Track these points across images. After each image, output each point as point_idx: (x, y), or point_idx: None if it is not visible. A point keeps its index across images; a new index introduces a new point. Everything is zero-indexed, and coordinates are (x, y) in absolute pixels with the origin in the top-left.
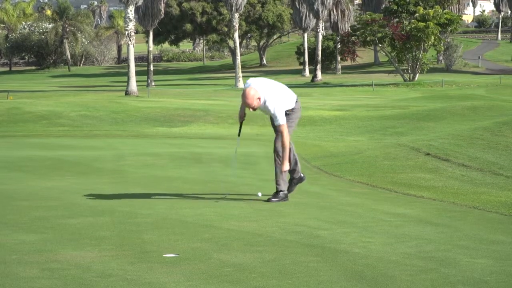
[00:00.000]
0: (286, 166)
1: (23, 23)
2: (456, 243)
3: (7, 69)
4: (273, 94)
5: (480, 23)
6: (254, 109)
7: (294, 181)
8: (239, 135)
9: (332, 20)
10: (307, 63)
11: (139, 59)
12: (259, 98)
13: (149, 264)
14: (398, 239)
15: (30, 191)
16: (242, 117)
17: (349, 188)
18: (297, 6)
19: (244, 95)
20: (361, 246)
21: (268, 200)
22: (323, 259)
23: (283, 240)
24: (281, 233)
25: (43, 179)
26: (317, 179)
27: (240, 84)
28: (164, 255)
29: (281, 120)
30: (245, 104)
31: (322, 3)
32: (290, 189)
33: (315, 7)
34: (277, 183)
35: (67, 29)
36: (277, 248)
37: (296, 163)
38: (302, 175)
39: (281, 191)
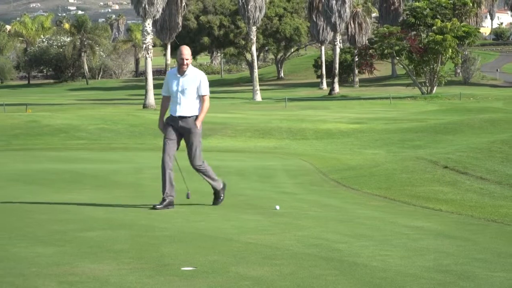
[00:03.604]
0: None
1: (42, 36)
2: (474, 257)
3: (26, 82)
4: None
5: (498, 35)
6: (183, 67)
7: (221, 192)
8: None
9: (349, 33)
10: (324, 76)
11: (156, 72)
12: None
13: (167, 277)
14: (416, 253)
15: (48, 204)
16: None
17: (367, 201)
18: (314, 19)
19: (183, 47)
20: (379, 259)
21: (214, 204)
22: (341, 272)
23: (301, 253)
24: (299, 247)
25: (61, 192)
26: (335, 192)
27: (258, 97)
28: (182, 268)
29: (208, 89)
30: (181, 54)
31: (340, 16)
32: (219, 199)
33: (333, 20)
34: (215, 188)
35: (85, 43)
36: (295, 262)
37: (213, 180)
38: (222, 183)
39: (218, 191)
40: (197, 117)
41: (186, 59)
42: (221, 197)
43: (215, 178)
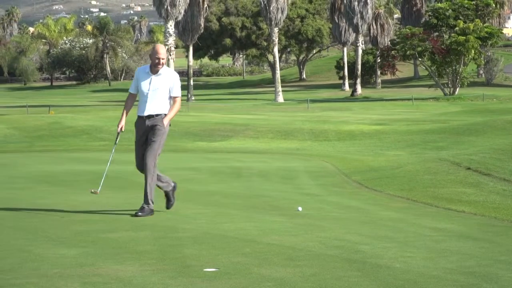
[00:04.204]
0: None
1: (64, 38)
2: (497, 258)
3: (49, 84)
4: None
5: None
6: (159, 64)
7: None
8: (116, 143)
9: (371, 34)
10: (346, 78)
11: (179, 73)
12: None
13: (190, 279)
14: (439, 254)
15: (71, 205)
16: (122, 127)
17: (390, 203)
18: (337, 21)
19: (159, 46)
20: (402, 261)
21: (136, 215)
22: (364, 274)
23: (323, 254)
24: (321, 248)
25: (84, 193)
26: (358, 193)
27: (280, 99)
28: (204, 270)
29: (180, 91)
30: (158, 53)
31: (362, 17)
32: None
33: (355, 21)
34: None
35: (108, 44)
36: (318, 263)
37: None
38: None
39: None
40: (165, 115)
41: (162, 59)
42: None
43: (155, 183)
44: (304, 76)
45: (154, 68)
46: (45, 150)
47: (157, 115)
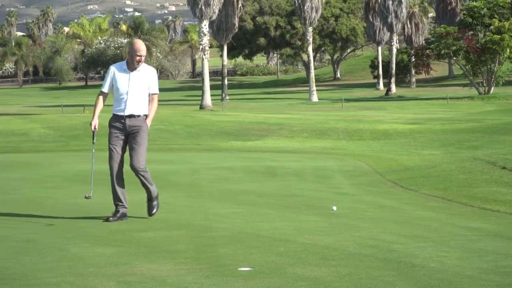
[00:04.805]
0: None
1: (99, 38)
2: None
3: (83, 83)
4: None
5: None
6: (140, 62)
7: (156, 199)
8: (94, 142)
9: (406, 33)
10: (381, 77)
11: (213, 73)
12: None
13: (225, 278)
14: (474, 254)
15: (106, 204)
16: (96, 124)
17: (424, 202)
18: (371, 20)
19: (139, 42)
20: (437, 260)
21: (151, 214)
22: (399, 273)
23: (358, 254)
24: (356, 247)
25: None
26: (392, 193)
27: (314, 98)
28: (239, 269)
29: (158, 88)
30: (139, 50)
31: (396, 16)
32: (155, 208)
33: (389, 20)
34: (152, 195)
35: None
36: (352, 262)
37: (152, 184)
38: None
39: (154, 198)
40: (146, 116)
41: (143, 56)
42: (157, 205)
43: (153, 183)
44: (339, 75)
45: (132, 65)
46: (80, 149)
47: (138, 115)
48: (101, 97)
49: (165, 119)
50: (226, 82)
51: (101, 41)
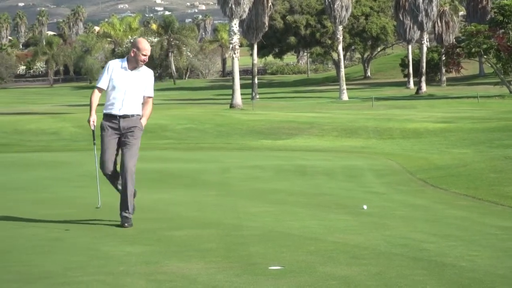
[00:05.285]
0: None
1: (129, 37)
2: None
3: None
4: None
5: None
6: (144, 62)
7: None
8: (95, 140)
9: (436, 31)
10: (411, 75)
11: (243, 72)
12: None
13: (255, 277)
14: (505, 253)
15: (136, 203)
16: (94, 120)
17: (455, 201)
18: (401, 18)
19: (145, 41)
20: (468, 259)
21: (123, 226)
22: (429, 272)
23: (388, 253)
24: (386, 246)
25: (149, 191)
26: (423, 192)
27: (345, 97)
28: (269, 268)
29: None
30: (144, 50)
31: (427, 14)
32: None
33: (419, 19)
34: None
35: (172, 43)
36: (383, 261)
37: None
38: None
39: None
40: (139, 116)
41: (148, 55)
42: (131, 219)
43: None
44: (369, 74)
45: (135, 64)
46: None
47: (132, 115)
48: (97, 93)
49: (195, 118)
50: (256, 81)
51: (131, 40)
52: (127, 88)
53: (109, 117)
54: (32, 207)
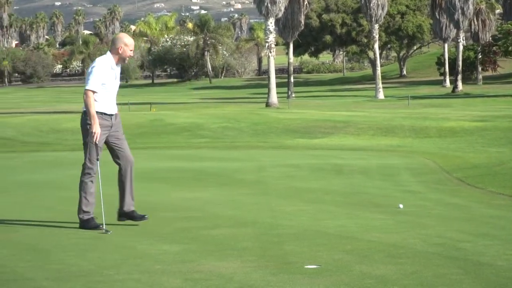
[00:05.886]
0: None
1: (165, 36)
2: None
3: (150, 81)
4: None
5: None
6: (131, 55)
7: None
8: (98, 157)
9: (472, 30)
10: (447, 74)
11: (279, 71)
12: None
13: (291, 275)
14: None
15: (172, 202)
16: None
17: (491, 200)
18: (437, 17)
19: (129, 36)
20: (505, 258)
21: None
22: (466, 271)
23: (425, 252)
24: (422, 245)
25: (186, 190)
26: (459, 191)
27: (381, 95)
28: (305, 266)
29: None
30: (132, 45)
31: (463, 13)
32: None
33: (456, 17)
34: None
35: (208, 42)
36: (419, 260)
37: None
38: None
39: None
40: None
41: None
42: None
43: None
44: (405, 72)
45: (121, 60)
46: (147, 147)
47: (116, 113)
48: (93, 97)
49: (231, 117)
50: (292, 79)
51: (168, 39)
52: (116, 86)
53: (102, 115)
54: (70, 205)
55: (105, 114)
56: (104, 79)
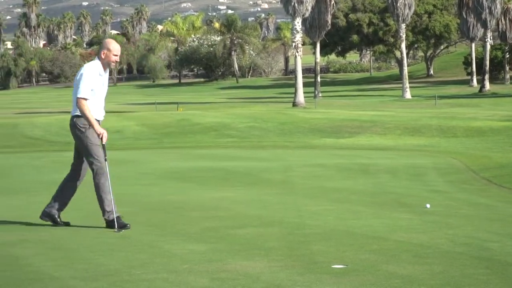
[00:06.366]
0: None
1: (192, 36)
2: None
3: (177, 81)
4: None
5: None
6: (116, 61)
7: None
8: (106, 157)
9: (500, 29)
10: (474, 73)
11: (306, 70)
12: None
13: (318, 275)
14: None
15: (200, 201)
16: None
17: None
18: (464, 16)
19: (115, 42)
20: None
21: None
22: (493, 271)
23: (452, 252)
24: (449, 245)
25: (212, 189)
26: (486, 190)
27: (407, 95)
28: (332, 266)
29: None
30: (115, 50)
31: (490, 12)
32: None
33: (483, 16)
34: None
35: (235, 42)
36: (446, 260)
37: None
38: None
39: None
40: None
41: (118, 56)
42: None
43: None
44: (432, 72)
45: (106, 66)
46: (174, 146)
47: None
48: (88, 105)
49: (258, 117)
50: (319, 79)
51: (195, 39)
52: (103, 92)
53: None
54: (96, 205)
55: (95, 119)
56: (92, 85)
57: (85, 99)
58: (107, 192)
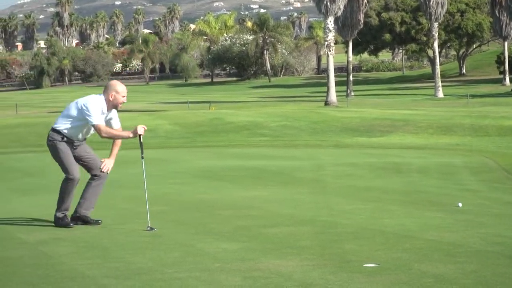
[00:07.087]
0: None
1: (225, 35)
2: None
3: (209, 80)
4: None
5: None
6: (123, 102)
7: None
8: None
9: None
10: (507, 72)
11: (338, 69)
12: None
13: (350, 274)
14: None
15: (232, 200)
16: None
17: None
18: (497, 15)
19: (119, 83)
20: None
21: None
22: None
23: (484, 251)
24: (482, 244)
25: (245, 188)
26: None
27: (440, 94)
28: (364, 265)
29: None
30: (123, 92)
31: None
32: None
33: None
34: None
35: (267, 41)
36: (478, 259)
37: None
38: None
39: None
40: None
41: (126, 96)
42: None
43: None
44: (464, 71)
45: (111, 107)
46: (206, 145)
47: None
48: (106, 128)
49: (290, 116)
50: (351, 78)
51: (227, 38)
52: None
53: (67, 139)
54: (129, 204)
55: (70, 140)
56: (102, 113)
57: (101, 124)
58: (69, 197)
